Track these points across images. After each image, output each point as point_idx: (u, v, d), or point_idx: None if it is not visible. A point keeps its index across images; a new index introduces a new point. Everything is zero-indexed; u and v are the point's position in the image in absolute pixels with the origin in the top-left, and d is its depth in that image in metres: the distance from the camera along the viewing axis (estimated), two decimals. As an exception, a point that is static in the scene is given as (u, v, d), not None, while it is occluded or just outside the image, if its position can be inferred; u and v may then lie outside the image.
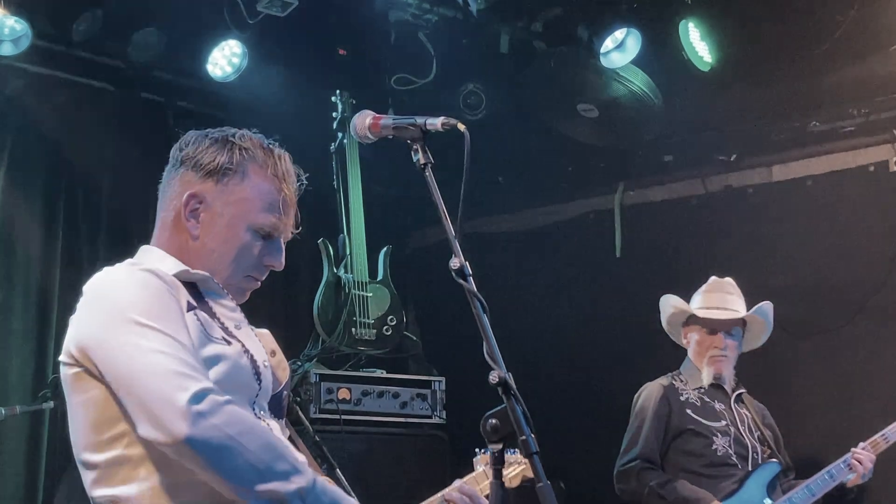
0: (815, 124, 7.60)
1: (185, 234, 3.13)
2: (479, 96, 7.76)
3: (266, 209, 3.13)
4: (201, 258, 3.11)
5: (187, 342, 2.83)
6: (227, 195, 3.11)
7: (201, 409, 2.69)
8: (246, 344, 3.07)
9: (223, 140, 3.17)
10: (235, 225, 3.11)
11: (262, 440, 2.76)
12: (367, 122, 3.13)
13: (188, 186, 3.15)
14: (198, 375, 2.75)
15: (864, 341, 7.32)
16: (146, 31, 6.84)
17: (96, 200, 7.49)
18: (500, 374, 2.62)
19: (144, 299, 2.86)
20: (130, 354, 2.79)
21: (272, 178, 3.15)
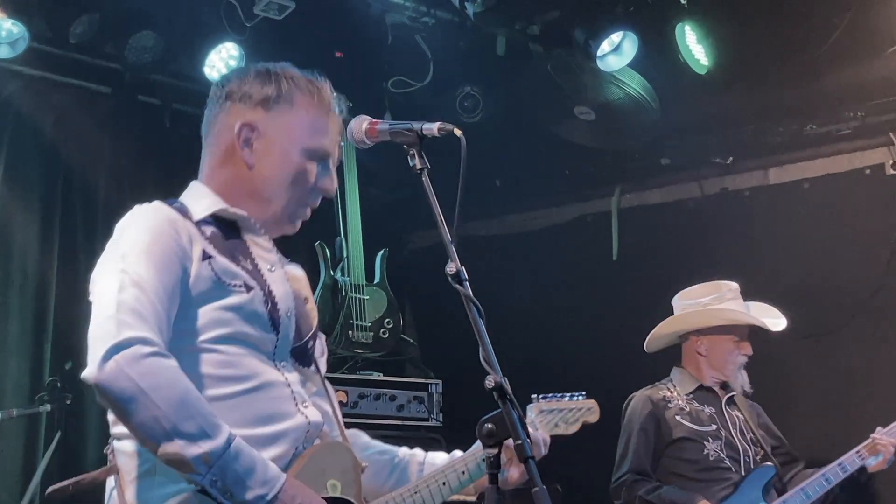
0: (812, 127, 7.61)
1: (239, 165, 3.20)
2: (476, 99, 7.77)
3: (317, 133, 3.21)
4: (257, 187, 3.18)
5: (157, 286, 2.85)
6: (279, 122, 3.19)
7: (119, 356, 2.71)
8: (273, 289, 3.10)
9: (266, 72, 3.25)
10: (289, 150, 3.18)
11: (177, 398, 2.73)
12: (363, 127, 3.14)
13: (239, 117, 3.22)
14: (137, 323, 2.77)
15: (861, 343, 7.33)
16: (143, 34, 6.84)
17: (93, 203, 7.49)
18: (496, 378, 2.62)
19: (140, 243, 2.92)
20: (97, 296, 2.89)
21: (318, 104, 3.23)
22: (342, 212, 7.42)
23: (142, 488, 2.90)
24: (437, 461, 3.52)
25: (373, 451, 3.53)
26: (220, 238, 3.08)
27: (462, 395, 5.04)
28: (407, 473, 3.50)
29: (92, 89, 7.46)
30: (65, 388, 6.65)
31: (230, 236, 3.12)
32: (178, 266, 2.92)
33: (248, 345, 3.00)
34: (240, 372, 2.97)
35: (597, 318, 8.23)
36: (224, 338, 2.96)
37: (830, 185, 7.65)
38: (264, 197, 3.17)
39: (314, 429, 3.11)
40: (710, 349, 6.19)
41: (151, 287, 2.84)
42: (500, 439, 2.64)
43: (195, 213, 3.08)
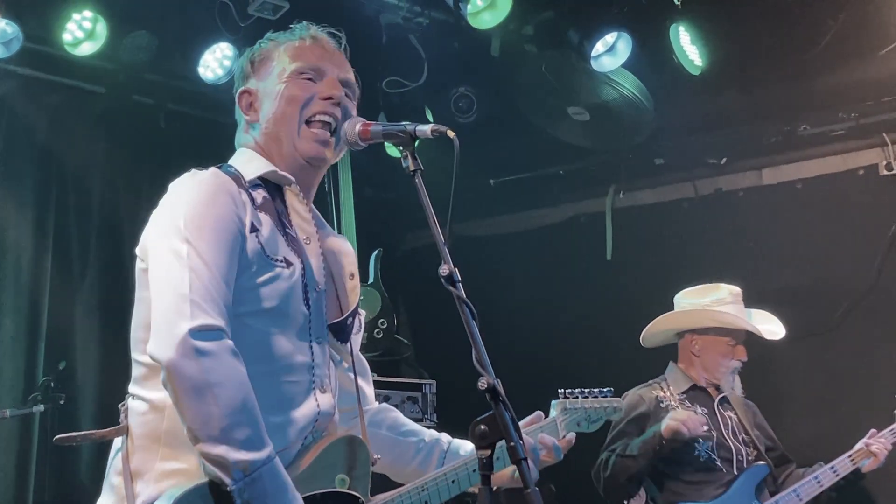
0: (806, 128, 7.61)
1: (252, 125, 3.30)
2: (471, 99, 7.77)
3: (298, 56, 3.30)
4: (270, 133, 3.25)
5: (223, 266, 2.89)
6: (265, 75, 3.32)
7: (198, 344, 2.74)
8: (310, 263, 3.14)
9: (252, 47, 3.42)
10: (277, 84, 3.27)
11: (237, 401, 2.76)
12: (356, 129, 3.15)
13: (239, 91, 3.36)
14: (211, 309, 2.80)
15: (853, 343, 7.34)
16: (138, 34, 6.83)
17: (87, 203, 7.48)
18: (489, 380, 2.62)
19: (202, 213, 2.95)
20: (165, 268, 2.89)
21: (294, 40, 3.36)
22: (336, 212, 7.42)
23: (146, 457, 2.92)
24: (462, 451, 3.55)
25: (400, 432, 3.57)
26: (270, 204, 3.14)
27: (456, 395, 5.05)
28: (431, 458, 3.53)
29: (86, 89, 7.45)
30: (58, 389, 6.65)
31: (276, 202, 3.18)
32: (237, 238, 2.97)
33: (281, 321, 3.03)
34: (264, 351, 2.99)
35: (591, 317, 8.24)
36: (259, 313, 2.99)
37: (824, 185, 7.66)
38: (276, 136, 3.24)
39: (323, 418, 3.12)
40: (704, 350, 6.20)
41: (218, 266, 2.88)
42: (493, 440, 2.65)
43: (247, 174, 3.14)
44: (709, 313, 6.13)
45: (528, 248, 8.84)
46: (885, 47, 6.86)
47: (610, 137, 7.81)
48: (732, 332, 6.14)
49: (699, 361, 6.21)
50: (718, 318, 6.11)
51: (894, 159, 7.34)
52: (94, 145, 7.51)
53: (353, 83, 3.34)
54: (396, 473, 3.50)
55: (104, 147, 7.55)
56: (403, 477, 3.51)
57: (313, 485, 2.97)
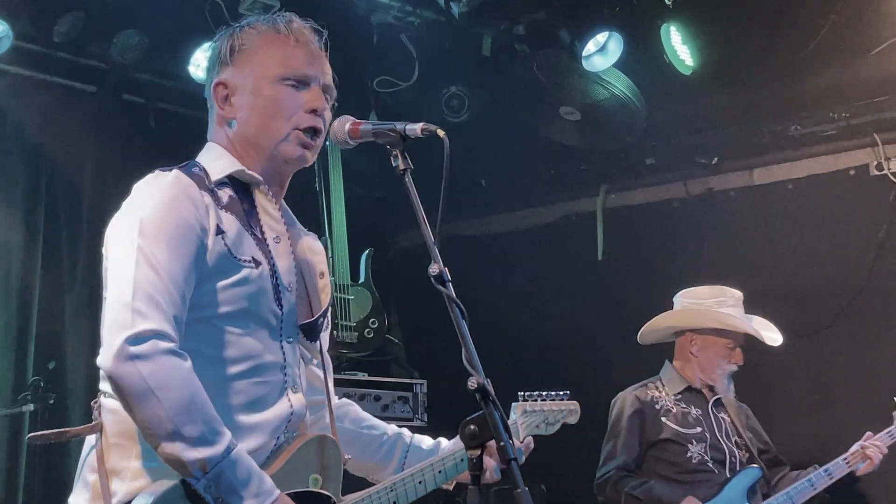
0: (797, 128, 7.62)
1: (226, 123, 3.23)
2: (462, 99, 7.77)
3: (284, 59, 3.21)
4: (247, 135, 3.20)
5: (176, 272, 2.87)
6: (244, 68, 3.22)
7: (134, 350, 2.75)
8: (277, 263, 3.11)
9: (230, 33, 3.30)
10: (259, 85, 3.19)
11: (184, 400, 2.76)
12: (346, 127, 3.13)
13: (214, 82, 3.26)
14: (152, 314, 2.79)
15: (844, 344, 7.35)
16: (128, 33, 6.82)
17: (77, 202, 7.46)
18: (479, 380, 2.62)
19: (159, 217, 2.92)
20: (113, 273, 2.92)
21: (280, 36, 3.24)
22: (327, 211, 7.40)
23: (122, 455, 2.92)
24: (423, 445, 3.57)
25: (363, 426, 3.58)
26: (237, 203, 3.11)
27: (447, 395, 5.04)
28: (392, 453, 3.55)
29: (76, 88, 7.42)
30: (48, 388, 6.63)
31: (244, 201, 3.14)
32: (196, 244, 2.93)
33: (252, 322, 3.02)
34: (236, 353, 2.99)
35: (582, 317, 8.24)
36: (229, 315, 2.98)
37: (815, 185, 7.67)
38: (253, 142, 3.19)
39: (296, 419, 3.12)
40: (703, 350, 6.19)
41: (168, 272, 2.85)
42: (483, 441, 2.64)
43: (213, 173, 3.10)
44: (712, 313, 6.12)
45: (519, 247, 8.84)
46: (876, 48, 6.88)
47: (601, 137, 7.81)
48: (732, 334, 6.14)
49: (696, 361, 6.21)
50: (721, 319, 6.10)
51: (885, 159, 7.36)
52: (84, 144, 7.49)
53: (332, 87, 3.31)
54: (358, 467, 3.51)
55: (94, 146, 7.53)
56: (365, 471, 3.54)
57: (287, 485, 2.97)
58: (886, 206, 7.31)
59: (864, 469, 6.00)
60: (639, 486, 5.92)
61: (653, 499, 5.86)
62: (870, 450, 5.99)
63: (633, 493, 5.90)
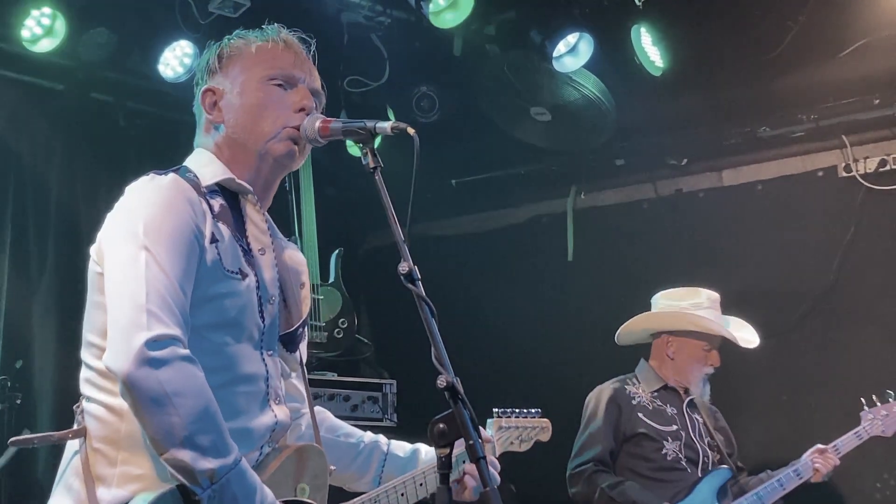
0: (766, 130, 7.66)
1: (212, 126, 3.24)
2: (432, 99, 7.76)
3: (269, 60, 3.24)
4: (236, 138, 3.19)
5: (181, 275, 2.85)
6: (231, 73, 3.25)
7: (153, 355, 2.71)
8: (263, 275, 3.11)
9: (219, 44, 3.33)
10: (248, 88, 3.21)
11: (198, 408, 2.74)
12: (316, 125, 3.13)
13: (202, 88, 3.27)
14: (167, 318, 2.77)
15: (812, 344, 7.39)
16: (97, 31, 6.78)
17: (45, 201, 7.40)
18: (448, 378, 2.61)
19: (161, 220, 2.90)
20: (121, 275, 2.85)
21: (266, 41, 3.28)
22: (297, 211, 7.39)
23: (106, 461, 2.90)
24: (400, 453, 3.58)
25: (339, 434, 3.57)
26: (228, 213, 3.10)
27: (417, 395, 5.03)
28: (370, 462, 3.55)
29: (45, 86, 7.38)
30: (15, 388, 6.58)
31: (234, 210, 3.13)
32: (196, 247, 2.93)
33: (236, 333, 3.01)
34: (221, 362, 2.97)
35: (552, 317, 8.26)
36: (214, 325, 2.97)
37: (783, 187, 7.70)
38: (242, 143, 3.19)
39: (280, 429, 3.13)
40: (679, 352, 6.21)
41: (176, 274, 2.84)
42: (452, 439, 2.64)
43: (204, 179, 3.09)
44: (688, 316, 6.14)
45: (489, 247, 8.84)
46: (845, 50, 6.92)
47: (571, 138, 7.82)
48: (708, 336, 6.16)
49: (672, 364, 6.22)
50: (697, 322, 6.12)
51: (853, 161, 7.40)
52: (52, 143, 7.44)
53: (321, 92, 3.32)
54: (335, 477, 3.48)
55: (62, 145, 7.47)
56: (342, 480, 3.53)
57: (275, 494, 2.96)
58: (854, 208, 7.36)
59: (815, 479, 6.05)
60: (615, 485, 5.92)
61: (627, 501, 5.86)
62: (818, 463, 6.03)
63: (610, 493, 5.90)
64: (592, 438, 6.09)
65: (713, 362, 6.18)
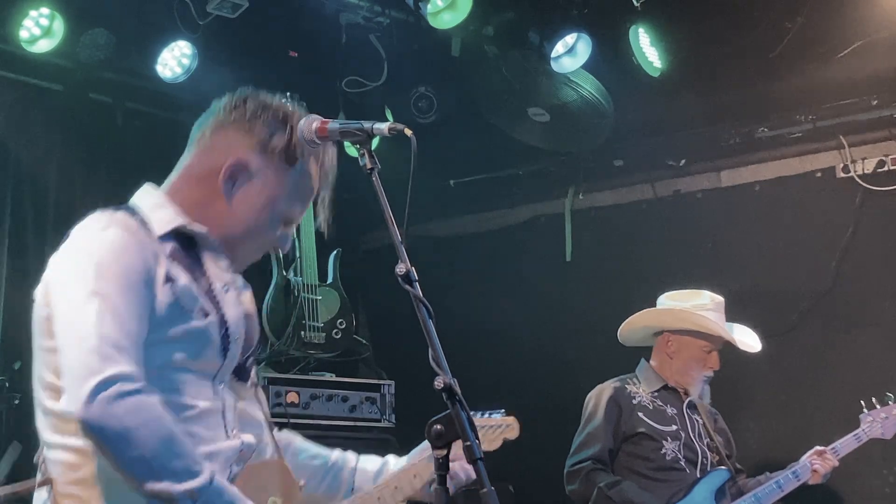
0: (764, 130, 7.66)
1: (215, 193, 3.11)
2: (430, 99, 7.76)
3: (298, 199, 3.20)
4: (222, 220, 3.11)
5: (133, 315, 2.80)
6: (271, 174, 3.12)
7: (105, 394, 2.67)
8: (227, 313, 3.06)
9: (284, 119, 3.16)
10: (269, 206, 3.13)
11: (162, 436, 2.72)
12: (313, 126, 3.09)
13: (236, 149, 3.12)
14: (119, 357, 2.72)
15: (810, 345, 7.39)
16: (95, 32, 6.77)
17: (44, 201, 7.40)
18: (446, 379, 2.61)
19: (111, 265, 2.83)
20: (71, 319, 2.80)
21: (318, 173, 3.23)
22: (295, 211, 7.39)
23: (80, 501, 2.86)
24: (369, 466, 3.54)
25: (305, 456, 3.53)
26: (180, 256, 3.01)
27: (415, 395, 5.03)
28: (339, 479, 3.51)
29: (43, 86, 7.38)
30: (13, 389, 6.59)
31: (188, 254, 3.05)
32: (148, 289, 2.86)
33: (192, 371, 2.97)
34: (181, 399, 2.93)
35: (550, 318, 8.25)
36: (170, 364, 2.92)
37: (782, 187, 7.70)
38: (227, 234, 3.12)
39: (247, 449, 3.11)
40: (679, 351, 6.20)
41: (128, 314, 2.79)
42: (449, 440, 2.64)
43: (155, 227, 2.99)
44: (689, 315, 6.13)
45: (486, 248, 8.84)
46: (843, 51, 6.92)
47: (569, 139, 7.82)
48: (709, 337, 6.15)
49: (672, 364, 6.22)
50: (698, 322, 6.12)
51: (851, 162, 7.40)
52: (50, 143, 7.44)
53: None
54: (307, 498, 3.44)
55: (61, 145, 7.47)
56: (314, 501, 3.49)
57: None
58: (852, 209, 7.36)
59: (813, 480, 6.05)
60: (613, 484, 5.91)
61: (625, 501, 5.86)
62: (817, 465, 6.03)
63: (607, 492, 5.89)
64: (591, 437, 6.09)
65: (713, 364, 6.18)
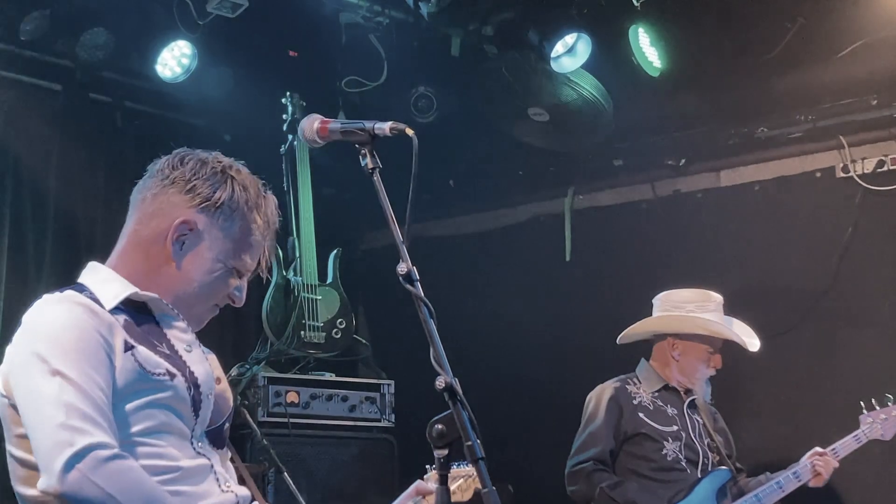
0: (763, 130, 7.65)
1: (163, 257, 3.10)
2: (430, 99, 7.76)
3: (247, 250, 3.17)
4: (173, 284, 3.11)
5: (94, 384, 2.78)
6: (218, 231, 3.13)
7: (81, 466, 2.67)
8: (194, 370, 3.05)
9: (223, 173, 3.16)
10: (218, 261, 3.12)
11: (145, 497, 2.73)
12: (315, 126, 3.11)
13: (179, 211, 3.12)
14: (89, 428, 2.72)
15: (810, 345, 7.38)
16: (95, 31, 6.77)
17: (43, 201, 7.39)
18: (447, 379, 2.61)
19: (65, 341, 2.83)
20: (34, 402, 2.79)
21: (262, 224, 3.19)
22: (295, 211, 7.40)
23: None
24: None
25: None
26: (134, 326, 3.00)
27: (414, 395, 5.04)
28: None
29: (43, 86, 7.37)
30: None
31: (143, 321, 3.05)
32: (107, 360, 2.86)
33: (169, 434, 2.96)
34: (166, 463, 2.93)
35: (550, 318, 8.24)
36: (146, 431, 2.91)
37: (781, 187, 7.69)
38: (179, 296, 3.12)
39: (243, 502, 3.11)
40: (684, 355, 6.20)
41: (91, 387, 2.78)
42: (451, 440, 2.64)
43: (105, 301, 2.98)
44: (696, 320, 6.13)
45: (487, 248, 8.83)
46: (843, 50, 6.92)
47: (569, 138, 7.81)
48: (713, 339, 6.15)
49: (677, 365, 6.22)
50: (705, 327, 6.11)
51: (851, 162, 7.39)
52: (50, 144, 7.43)
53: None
54: None
55: (60, 145, 7.47)
56: None
57: None
58: (852, 208, 7.35)
59: (814, 483, 6.04)
60: (615, 485, 5.91)
61: (627, 502, 5.86)
62: (819, 466, 6.03)
63: (609, 492, 5.89)
64: (592, 437, 6.09)
65: (716, 364, 6.19)
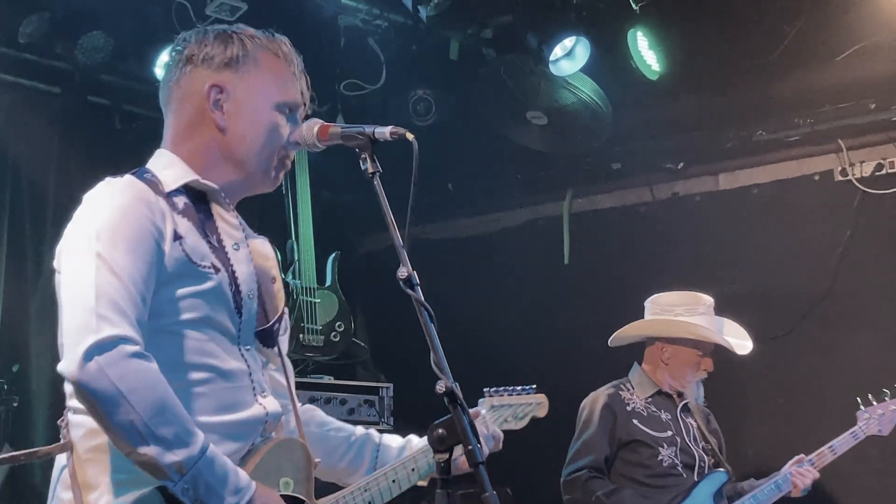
0: (762, 133, 7.66)
1: (210, 128, 3.16)
2: (429, 103, 7.76)
3: (285, 86, 3.21)
4: (232, 150, 3.15)
5: (136, 276, 2.81)
6: (248, 81, 3.17)
7: (100, 357, 2.67)
8: (237, 270, 3.07)
9: (225, 33, 3.24)
10: (261, 107, 3.16)
11: (156, 403, 2.70)
12: (315, 130, 3.12)
13: (206, 80, 3.17)
14: (117, 319, 2.73)
15: (808, 347, 7.39)
16: (94, 34, 6.78)
17: (42, 203, 7.39)
18: (447, 383, 2.61)
19: (114, 223, 2.87)
20: (73, 280, 2.83)
21: (281, 59, 3.23)
22: (293, 214, 7.40)
23: (97, 470, 2.87)
24: (393, 444, 3.55)
25: (329, 429, 3.55)
26: (192, 210, 3.06)
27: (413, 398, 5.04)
28: (363, 454, 3.53)
29: (41, 89, 7.37)
30: (12, 391, 6.58)
31: (200, 209, 3.10)
32: (154, 248, 2.88)
33: (212, 329, 2.98)
34: (202, 359, 2.95)
35: (548, 321, 8.25)
36: (190, 322, 2.94)
37: (780, 190, 7.71)
38: (239, 159, 3.15)
39: (272, 419, 3.11)
40: (673, 358, 6.20)
41: (129, 275, 2.80)
42: (451, 445, 2.64)
43: (166, 184, 3.04)
44: (683, 325, 6.12)
45: (485, 251, 8.84)
46: (841, 54, 6.92)
47: (568, 141, 7.82)
48: (703, 343, 6.15)
49: (667, 369, 6.21)
50: (692, 331, 6.11)
51: (849, 165, 7.41)
52: (48, 146, 7.43)
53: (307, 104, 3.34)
54: (329, 473, 3.48)
55: (59, 148, 7.47)
56: (336, 476, 3.51)
57: None
58: (850, 212, 7.36)
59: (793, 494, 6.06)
60: (611, 493, 5.90)
61: None
62: (797, 478, 6.04)
63: (605, 500, 5.88)
64: (587, 445, 6.08)
65: (707, 367, 6.19)
